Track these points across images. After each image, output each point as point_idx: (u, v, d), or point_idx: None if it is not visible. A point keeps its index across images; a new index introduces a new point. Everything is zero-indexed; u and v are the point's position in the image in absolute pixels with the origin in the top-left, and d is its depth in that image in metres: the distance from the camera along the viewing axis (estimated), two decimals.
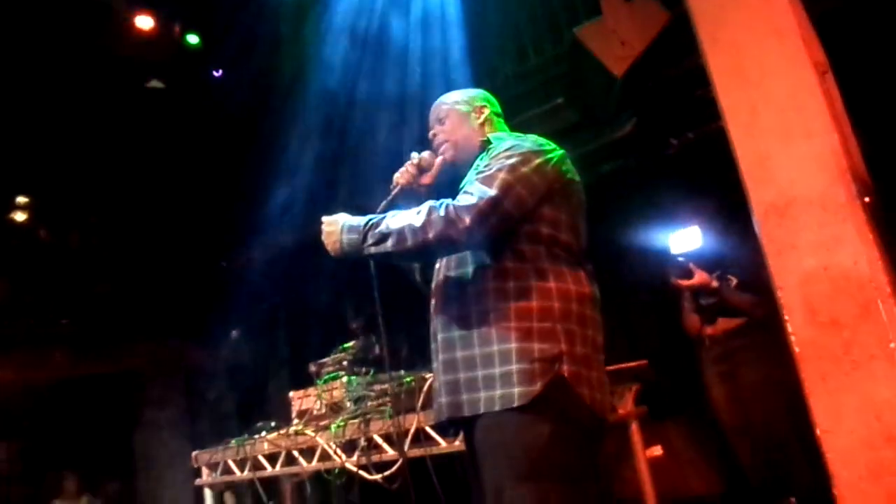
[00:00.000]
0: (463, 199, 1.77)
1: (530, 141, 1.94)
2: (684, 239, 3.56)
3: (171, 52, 5.89)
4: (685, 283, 3.47)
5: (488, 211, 1.75)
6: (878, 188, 2.08)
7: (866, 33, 3.26)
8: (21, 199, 6.56)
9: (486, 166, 1.86)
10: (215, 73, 6.50)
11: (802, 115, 1.96)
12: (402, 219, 1.82)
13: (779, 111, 2.00)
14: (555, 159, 1.89)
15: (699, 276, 3.43)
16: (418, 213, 1.80)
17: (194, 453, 3.83)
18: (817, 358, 1.93)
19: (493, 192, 1.77)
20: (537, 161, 1.85)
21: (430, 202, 1.81)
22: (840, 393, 1.89)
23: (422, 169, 2.10)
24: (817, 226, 1.94)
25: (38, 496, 6.14)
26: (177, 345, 7.20)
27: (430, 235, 1.76)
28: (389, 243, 1.81)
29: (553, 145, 1.94)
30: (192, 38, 6.28)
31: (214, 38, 5.70)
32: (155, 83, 6.19)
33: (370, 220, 1.87)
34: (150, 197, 6.46)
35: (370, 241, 1.83)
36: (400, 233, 1.80)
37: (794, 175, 1.96)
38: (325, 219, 1.95)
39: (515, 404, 1.72)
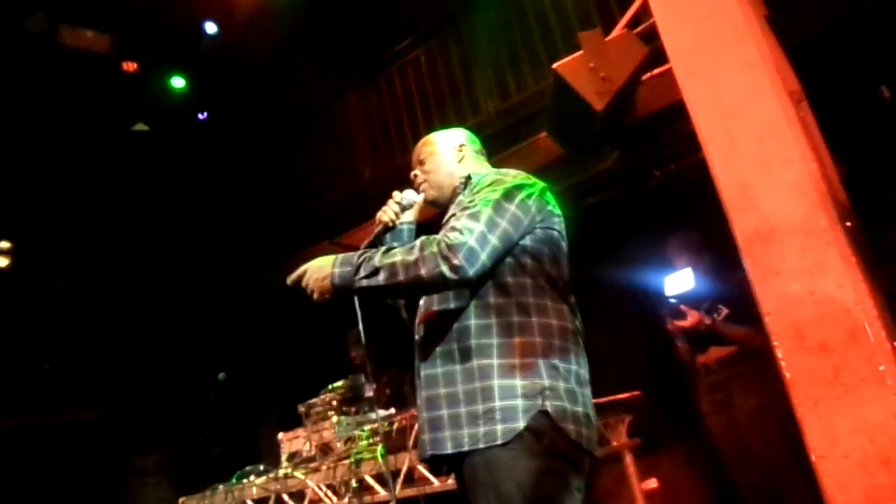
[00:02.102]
0: (452, 236, 1.77)
1: (511, 176, 1.96)
2: (677, 280, 3.62)
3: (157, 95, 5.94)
4: (680, 324, 3.51)
5: (477, 248, 1.76)
6: (857, 212, 2.11)
7: (838, 62, 3.35)
8: (4, 244, 6.51)
9: (470, 202, 1.88)
10: (200, 116, 6.55)
11: (780, 143, 1.99)
12: (395, 254, 1.81)
13: (757, 140, 2.03)
14: (536, 193, 1.91)
15: (692, 317, 3.47)
16: (411, 248, 1.80)
17: (181, 499, 3.77)
18: (808, 383, 1.93)
19: (480, 227, 1.78)
20: (520, 196, 1.87)
21: (423, 238, 1.81)
22: (832, 417, 1.89)
23: (404, 207, 2.14)
24: (801, 252, 1.96)
25: None
26: (163, 389, 7.09)
27: (423, 272, 1.75)
28: (381, 277, 1.80)
29: (534, 179, 1.97)
30: (178, 82, 6.35)
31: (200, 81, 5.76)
32: (140, 126, 6.22)
33: (363, 253, 1.87)
34: (135, 238, 6.44)
35: (362, 273, 1.82)
36: (392, 267, 1.79)
37: (776, 203, 1.98)
38: (310, 263, 1.93)
39: (499, 441, 1.71)
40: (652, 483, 3.38)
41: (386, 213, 2.11)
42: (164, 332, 6.82)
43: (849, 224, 1.94)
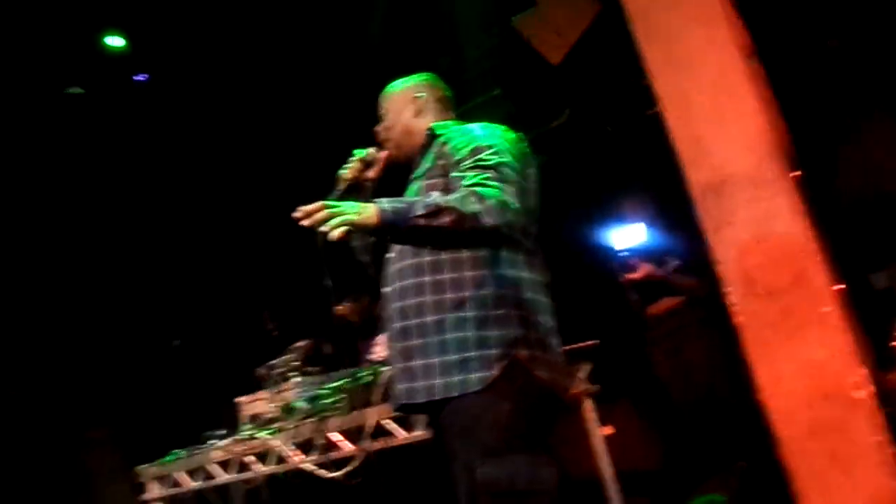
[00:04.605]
0: (493, 194, 1.77)
1: (498, 130, 1.97)
2: (627, 234, 3.71)
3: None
4: (631, 277, 3.62)
5: (517, 208, 1.81)
6: (803, 164, 2.20)
7: (787, 14, 3.42)
8: None
9: (477, 159, 1.86)
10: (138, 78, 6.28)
11: (732, 97, 2.05)
12: (452, 200, 1.77)
13: (710, 95, 2.09)
14: (513, 147, 1.94)
15: (643, 269, 3.58)
16: (464, 197, 1.76)
17: (138, 468, 3.71)
18: (757, 326, 2.02)
19: (510, 188, 1.81)
20: (508, 152, 1.90)
21: (472, 189, 1.78)
22: (779, 358, 1.99)
23: (367, 164, 2.13)
24: (751, 202, 2.04)
25: None
26: (112, 358, 6.95)
27: (486, 222, 1.74)
28: (446, 219, 1.73)
29: (508, 131, 1.99)
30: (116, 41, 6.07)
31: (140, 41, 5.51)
32: (74, 89, 5.96)
33: (406, 198, 1.87)
34: (77, 204, 6.23)
35: (421, 211, 1.73)
36: (454, 211, 1.74)
37: (727, 155, 2.04)
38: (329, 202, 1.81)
39: (472, 389, 1.76)
40: (607, 430, 3.51)
41: (349, 171, 2.10)
42: (115, 300, 6.67)
43: (796, 175, 2.02)
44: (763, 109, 2.04)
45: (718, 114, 2.05)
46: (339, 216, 1.69)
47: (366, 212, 1.73)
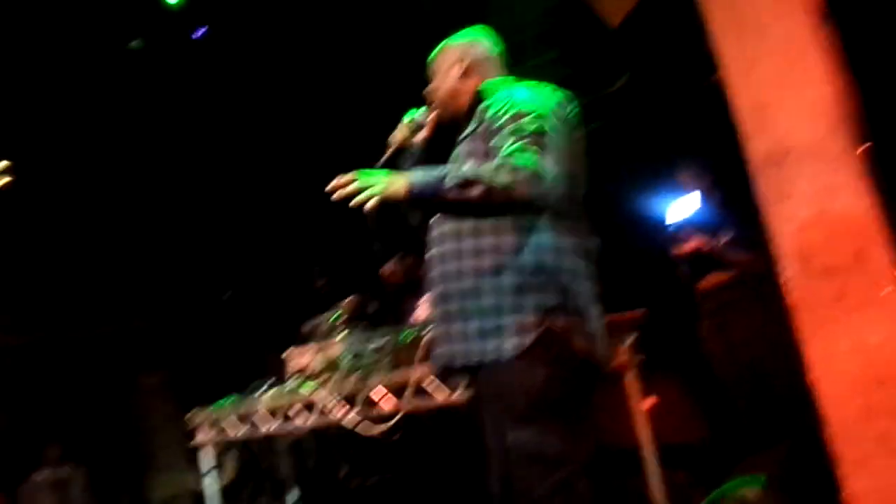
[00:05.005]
0: (528, 166, 1.76)
1: (543, 93, 1.93)
2: (681, 205, 3.64)
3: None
4: (681, 248, 3.55)
5: (552, 182, 1.78)
6: (872, 137, 2.09)
7: None
8: (3, 163, 6.44)
9: (516, 126, 1.83)
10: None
11: (800, 63, 1.96)
12: (482, 171, 1.79)
13: (776, 60, 2.00)
14: (557, 110, 1.89)
15: (694, 241, 3.50)
16: (496, 168, 1.77)
17: (191, 412, 3.85)
18: (811, 305, 1.96)
19: (549, 157, 1.79)
20: (551, 116, 1.86)
21: (504, 161, 1.78)
22: (833, 339, 1.93)
23: (416, 127, 2.11)
24: (813, 175, 1.96)
25: (22, 465, 6.05)
26: (166, 309, 7.18)
27: (516, 194, 1.75)
28: (475, 191, 1.77)
29: (555, 92, 1.94)
30: None
31: None
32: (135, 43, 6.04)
33: (438, 168, 1.86)
34: (142, 157, 6.38)
35: (452, 183, 1.79)
36: (482, 182, 1.77)
37: (792, 124, 1.96)
38: (361, 172, 1.87)
39: (507, 356, 1.76)
40: (650, 401, 3.48)
41: (398, 135, 2.10)
42: (174, 252, 6.85)
43: (863, 148, 1.93)
44: (832, 77, 1.94)
45: (784, 81, 1.96)
46: (368, 189, 1.76)
47: (395, 184, 1.80)
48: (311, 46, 5.37)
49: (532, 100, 1.88)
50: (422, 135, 2.11)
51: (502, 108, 1.88)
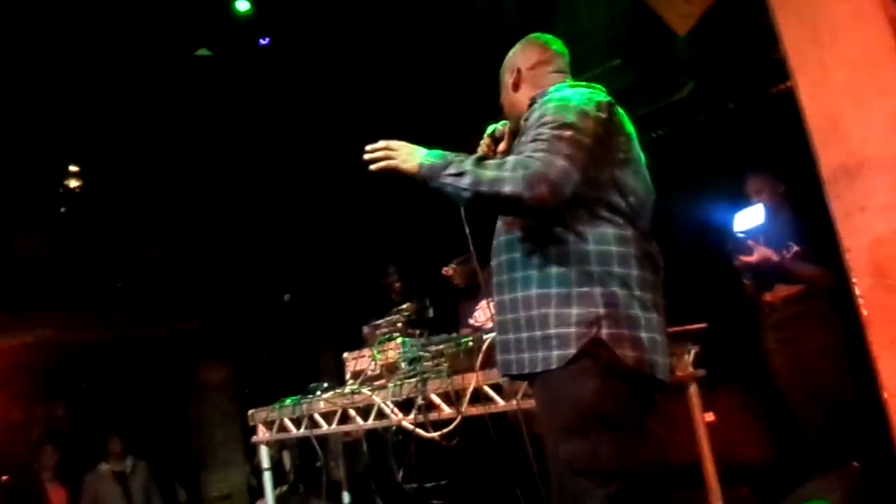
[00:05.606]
0: (535, 165, 1.76)
1: (577, 96, 1.91)
2: (747, 216, 3.56)
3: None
4: (746, 259, 3.48)
5: (559, 181, 1.75)
6: None
7: None
8: (74, 167, 6.73)
9: (538, 129, 1.84)
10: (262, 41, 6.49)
11: (876, 72, 1.91)
12: (487, 165, 1.84)
13: (851, 69, 1.95)
14: (604, 113, 1.87)
15: (760, 253, 3.42)
16: (503, 163, 1.82)
17: (251, 411, 3.93)
18: (886, 321, 1.91)
19: (561, 159, 1.76)
20: (588, 121, 1.84)
21: (517, 157, 1.82)
22: None
23: (497, 139, 2.16)
24: (889, 187, 1.90)
25: (87, 456, 6.27)
26: (228, 309, 7.36)
27: (505, 190, 1.76)
28: (465, 181, 1.82)
29: (601, 96, 1.92)
30: (242, 5, 6.30)
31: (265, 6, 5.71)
32: (202, 51, 6.23)
33: (455, 154, 1.90)
34: (203, 161, 6.58)
35: (451, 170, 1.85)
36: (477, 175, 1.82)
37: (867, 135, 1.91)
38: (396, 142, 1.99)
39: (554, 366, 1.77)
40: (709, 417, 3.40)
41: (481, 149, 2.15)
42: (232, 254, 7.03)
43: None
44: None
45: (859, 91, 1.91)
46: (389, 158, 1.93)
47: (412, 160, 1.91)
48: (379, 53, 5.46)
49: (561, 106, 1.86)
50: (502, 146, 2.15)
51: (536, 115, 1.90)
